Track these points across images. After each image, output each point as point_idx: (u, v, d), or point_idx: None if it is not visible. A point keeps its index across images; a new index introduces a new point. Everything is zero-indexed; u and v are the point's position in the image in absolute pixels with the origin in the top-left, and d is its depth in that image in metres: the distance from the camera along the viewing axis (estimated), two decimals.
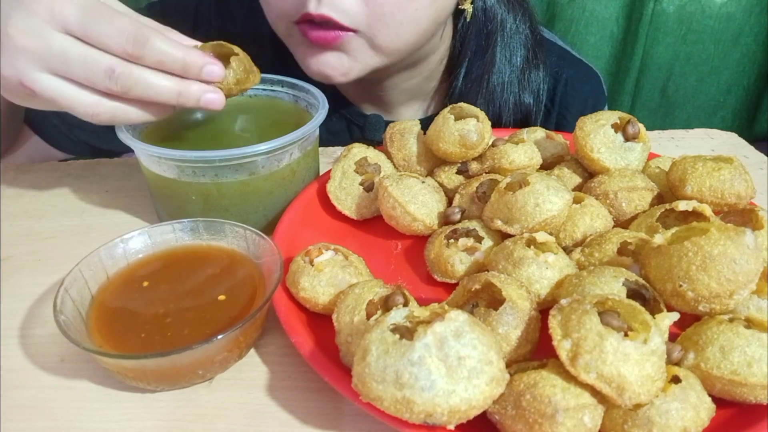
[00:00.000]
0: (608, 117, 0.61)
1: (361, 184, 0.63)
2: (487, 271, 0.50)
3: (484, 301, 0.48)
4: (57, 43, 0.49)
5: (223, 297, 0.50)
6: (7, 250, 0.63)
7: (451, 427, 0.37)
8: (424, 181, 0.61)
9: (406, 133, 0.67)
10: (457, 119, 0.61)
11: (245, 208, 0.61)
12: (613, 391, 0.37)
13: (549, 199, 0.52)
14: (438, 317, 0.37)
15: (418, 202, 0.59)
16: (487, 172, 0.62)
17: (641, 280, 0.46)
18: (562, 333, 0.39)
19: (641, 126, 0.61)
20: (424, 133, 0.66)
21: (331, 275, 0.50)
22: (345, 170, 0.64)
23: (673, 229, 0.47)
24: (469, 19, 0.82)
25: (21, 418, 0.45)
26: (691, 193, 0.55)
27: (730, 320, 0.43)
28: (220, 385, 0.47)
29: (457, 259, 0.54)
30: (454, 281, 0.54)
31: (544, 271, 0.49)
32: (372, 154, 0.65)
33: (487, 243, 0.55)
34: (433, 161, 0.66)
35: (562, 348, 0.38)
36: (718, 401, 0.41)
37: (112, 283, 0.51)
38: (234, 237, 0.55)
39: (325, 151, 0.82)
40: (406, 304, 0.46)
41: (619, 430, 0.38)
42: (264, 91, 0.73)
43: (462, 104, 0.64)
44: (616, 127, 0.61)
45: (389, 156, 0.67)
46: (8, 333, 0.52)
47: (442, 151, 0.62)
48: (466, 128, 0.61)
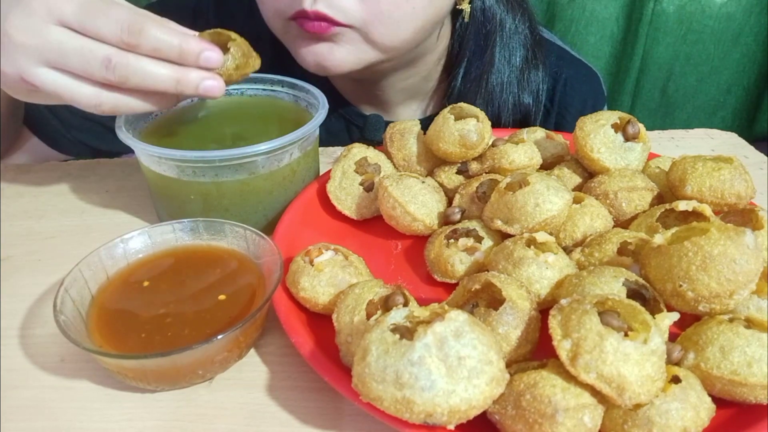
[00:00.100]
0: (608, 117, 0.61)
1: (361, 184, 0.63)
2: (487, 271, 0.50)
3: (484, 301, 0.48)
4: (54, 36, 0.49)
5: (223, 297, 0.50)
6: (7, 250, 0.63)
7: (451, 427, 0.37)
8: (424, 181, 0.61)
9: (406, 133, 0.67)
10: (457, 119, 0.61)
11: (245, 208, 0.61)
12: (613, 391, 0.37)
13: (549, 199, 0.52)
14: (438, 317, 0.37)
15: (418, 202, 0.59)
16: (487, 172, 0.62)
17: (641, 280, 0.46)
18: (562, 333, 0.39)
19: (641, 126, 0.61)
20: (424, 133, 0.66)
21: (331, 275, 0.50)
22: (345, 170, 0.64)
23: (673, 229, 0.47)
24: (467, 20, 0.82)
25: (21, 418, 0.45)
26: (691, 193, 0.55)
27: (730, 320, 0.43)
28: (220, 385, 0.47)
29: (457, 259, 0.54)
30: (454, 281, 0.54)
31: (544, 271, 0.49)
32: (372, 154, 0.65)
33: (487, 243, 0.55)
34: (433, 161, 0.66)
35: (562, 348, 0.38)
36: (718, 401, 0.41)
37: (112, 283, 0.51)
38: (234, 237, 0.55)
39: (325, 151, 0.82)
40: (406, 304, 0.46)
41: (619, 430, 0.38)
42: (264, 91, 0.73)
43: (462, 104, 0.64)
44: (616, 127, 0.61)
45: (389, 156, 0.67)
46: (8, 333, 0.52)
47: (442, 151, 0.62)
48: (466, 128, 0.61)
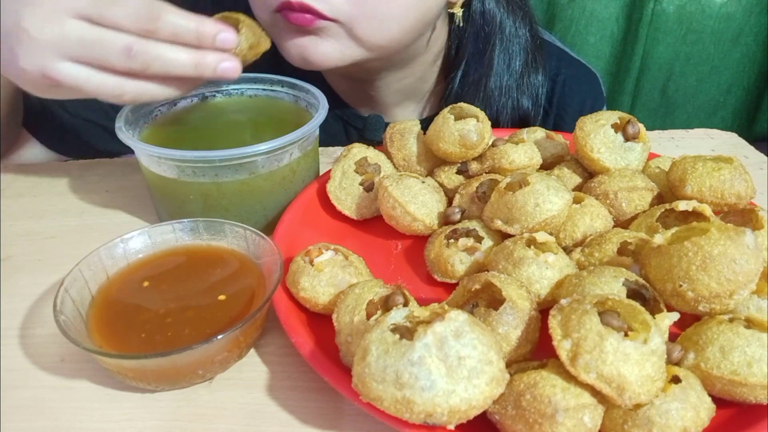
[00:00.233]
0: (608, 117, 0.61)
1: (361, 184, 0.63)
2: (487, 271, 0.50)
3: (484, 301, 0.48)
4: (73, 29, 0.49)
5: (223, 297, 0.50)
6: (7, 250, 0.63)
7: (451, 427, 0.37)
8: (424, 181, 0.61)
9: (406, 133, 0.67)
10: (457, 119, 0.62)
11: (245, 208, 0.61)
12: (613, 391, 0.37)
13: (549, 199, 0.52)
14: (438, 317, 0.37)
15: (418, 202, 0.59)
16: (487, 172, 0.62)
17: (641, 280, 0.46)
18: (562, 333, 0.39)
19: (641, 126, 0.61)
20: (424, 133, 0.66)
21: (331, 275, 0.50)
22: (345, 170, 0.64)
23: (673, 229, 0.47)
24: (461, 24, 0.81)
25: (21, 418, 0.45)
26: (691, 193, 0.55)
27: (730, 320, 0.43)
28: (220, 385, 0.47)
29: (457, 259, 0.54)
30: (454, 281, 0.54)
31: (544, 271, 0.49)
32: (372, 154, 0.65)
33: (487, 243, 0.55)
34: (433, 161, 0.66)
35: (562, 348, 0.38)
36: (718, 401, 0.41)
37: (112, 283, 0.51)
38: (234, 237, 0.55)
39: (325, 151, 0.82)
40: (406, 304, 0.46)
41: (619, 430, 0.38)
42: (264, 91, 0.73)
43: (462, 104, 0.64)
44: (616, 127, 0.61)
45: (389, 156, 0.67)
46: (8, 333, 0.52)
47: (442, 151, 0.62)
48: (466, 128, 0.61)
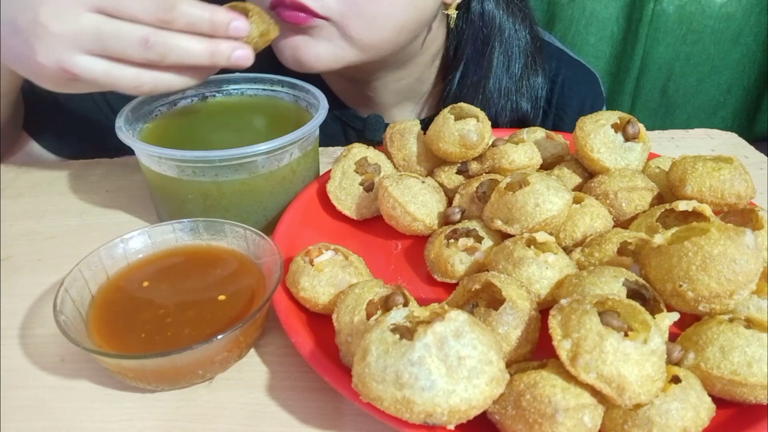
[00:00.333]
0: (608, 117, 0.61)
1: (361, 184, 0.63)
2: (487, 271, 0.50)
3: (484, 301, 0.48)
4: (89, 22, 0.50)
5: (223, 297, 0.50)
6: (7, 250, 0.63)
7: (451, 427, 0.37)
8: (424, 181, 0.61)
9: (406, 133, 0.67)
10: (457, 119, 0.61)
11: (245, 208, 0.61)
12: (613, 391, 0.37)
13: (549, 199, 0.52)
14: (438, 317, 0.37)
15: (418, 202, 0.59)
16: (487, 172, 0.62)
17: (641, 280, 0.46)
18: (562, 333, 0.39)
19: (641, 126, 0.61)
20: (424, 133, 0.66)
21: (331, 275, 0.50)
22: (345, 170, 0.64)
23: (673, 229, 0.47)
24: (453, 26, 0.80)
25: (21, 418, 0.45)
26: (691, 193, 0.55)
27: (730, 320, 0.43)
28: (220, 385, 0.47)
29: (457, 259, 0.54)
30: (454, 281, 0.54)
31: (544, 271, 0.49)
32: (372, 154, 0.65)
33: (487, 243, 0.55)
34: (433, 161, 0.66)
35: (562, 348, 0.38)
36: (718, 401, 0.41)
37: (112, 283, 0.51)
38: (234, 237, 0.55)
39: (325, 151, 0.82)
40: (406, 304, 0.46)
41: (619, 430, 0.38)
42: (264, 91, 0.73)
43: (462, 104, 0.64)
44: (616, 127, 0.61)
45: (389, 156, 0.67)
46: (8, 333, 0.52)
47: (442, 151, 0.62)
48: (466, 128, 0.61)
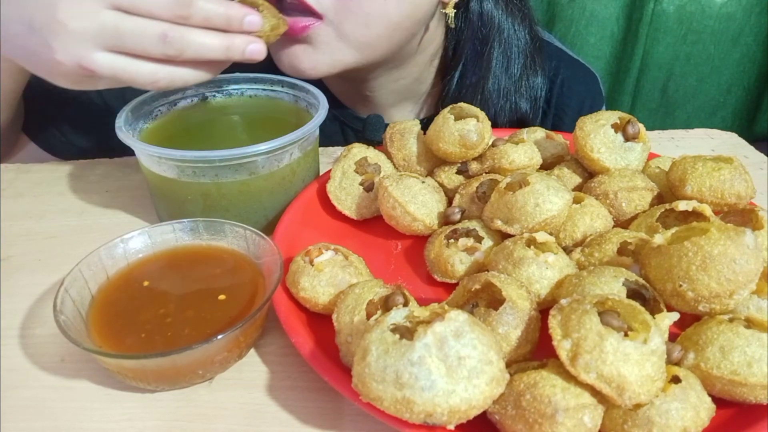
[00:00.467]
0: (608, 117, 0.61)
1: (361, 184, 0.63)
2: (487, 271, 0.50)
3: (484, 301, 0.48)
4: (108, 19, 0.50)
5: (223, 297, 0.50)
6: (7, 250, 0.63)
7: (451, 427, 0.37)
8: (424, 181, 0.61)
9: (406, 133, 0.67)
10: (457, 119, 0.61)
11: (245, 208, 0.61)
12: (613, 391, 0.37)
13: (549, 199, 0.52)
14: (438, 317, 0.37)
15: (418, 202, 0.59)
16: (487, 172, 0.62)
17: (641, 280, 0.46)
18: (562, 333, 0.39)
19: (641, 126, 0.61)
20: (424, 133, 0.66)
21: (331, 275, 0.50)
22: (345, 170, 0.64)
23: (673, 229, 0.47)
24: (453, 25, 0.80)
25: (21, 418, 0.45)
26: (691, 193, 0.55)
27: (730, 320, 0.43)
28: (220, 385, 0.47)
29: (457, 259, 0.54)
30: (454, 281, 0.54)
31: (544, 271, 0.49)
32: (372, 154, 0.65)
33: (487, 243, 0.55)
34: (433, 161, 0.66)
35: (562, 348, 0.38)
36: (718, 401, 0.41)
37: (112, 283, 0.51)
38: (234, 237, 0.55)
39: (325, 151, 0.82)
40: (406, 304, 0.46)
41: (619, 430, 0.38)
42: (264, 91, 0.73)
43: (462, 104, 0.64)
44: (616, 127, 0.61)
45: (389, 156, 0.67)
46: (8, 333, 0.52)
47: (442, 151, 0.62)
48: (466, 128, 0.61)
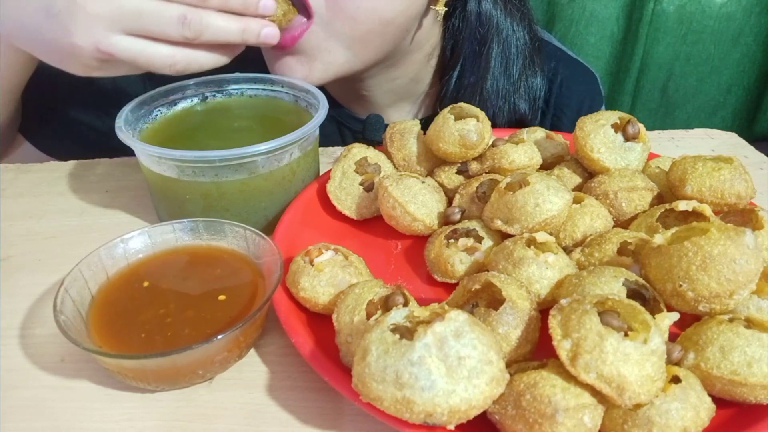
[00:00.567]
0: (608, 117, 0.61)
1: (361, 184, 0.63)
2: (487, 271, 0.50)
3: (484, 301, 0.48)
4: (129, 2, 0.51)
5: (223, 297, 0.50)
6: (7, 250, 0.63)
7: (451, 427, 0.37)
8: (424, 181, 0.61)
9: (406, 133, 0.67)
10: (457, 119, 0.61)
11: (245, 208, 0.61)
12: (613, 391, 0.37)
13: (549, 199, 0.52)
14: (438, 317, 0.37)
15: (418, 202, 0.59)
16: (487, 172, 0.62)
17: (641, 280, 0.46)
18: (562, 333, 0.39)
19: (641, 126, 0.61)
20: (424, 133, 0.66)
21: (331, 275, 0.50)
22: (345, 170, 0.64)
23: (673, 229, 0.47)
24: (441, 20, 0.80)
25: (21, 418, 0.45)
26: (691, 193, 0.55)
27: (730, 320, 0.43)
28: (220, 385, 0.47)
29: (457, 259, 0.54)
30: (454, 281, 0.54)
31: (544, 271, 0.49)
32: (372, 154, 0.65)
33: (487, 243, 0.55)
34: (433, 161, 0.66)
35: (562, 348, 0.38)
36: (718, 401, 0.41)
37: (112, 283, 0.51)
38: (234, 237, 0.55)
39: (325, 151, 0.82)
40: (406, 304, 0.46)
41: (619, 430, 0.38)
42: (264, 91, 0.73)
43: (462, 104, 0.64)
44: (616, 127, 0.61)
45: (389, 156, 0.67)
46: (8, 333, 0.52)
47: (442, 151, 0.62)
48: (466, 128, 0.61)
